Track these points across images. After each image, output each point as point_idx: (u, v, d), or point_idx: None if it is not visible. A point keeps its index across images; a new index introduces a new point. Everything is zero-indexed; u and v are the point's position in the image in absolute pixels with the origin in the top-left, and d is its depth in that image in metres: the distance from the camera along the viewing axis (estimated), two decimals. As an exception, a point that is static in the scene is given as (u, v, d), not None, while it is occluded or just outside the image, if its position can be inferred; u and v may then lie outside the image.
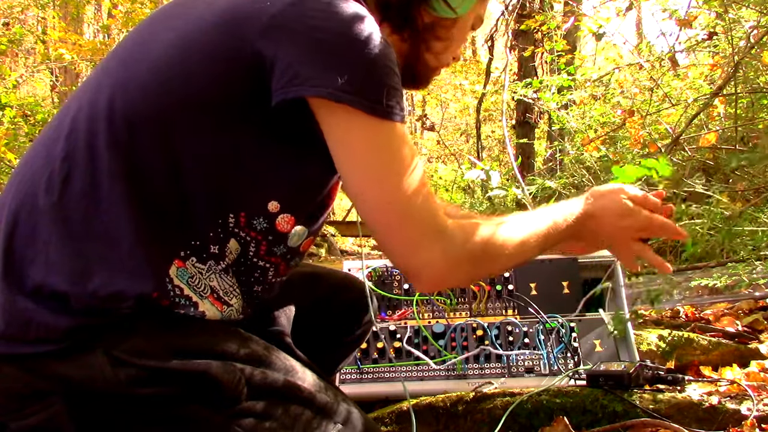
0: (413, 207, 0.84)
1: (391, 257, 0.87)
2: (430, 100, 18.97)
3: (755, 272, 2.16)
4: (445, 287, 0.91)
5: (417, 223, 0.85)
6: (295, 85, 0.78)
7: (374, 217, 0.85)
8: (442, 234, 0.86)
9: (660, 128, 3.74)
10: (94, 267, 0.78)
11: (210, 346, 0.83)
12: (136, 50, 0.88)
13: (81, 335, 0.78)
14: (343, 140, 0.83)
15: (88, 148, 0.81)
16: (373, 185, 0.84)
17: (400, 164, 0.84)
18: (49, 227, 0.79)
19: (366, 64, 0.79)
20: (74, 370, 0.77)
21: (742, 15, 3.00)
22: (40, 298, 0.78)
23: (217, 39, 0.81)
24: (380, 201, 0.84)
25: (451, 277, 0.90)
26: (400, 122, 0.83)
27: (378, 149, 0.83)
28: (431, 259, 0.84)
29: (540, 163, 7.25)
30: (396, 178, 0.83)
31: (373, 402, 1.49)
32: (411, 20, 0.96)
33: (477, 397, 1.37)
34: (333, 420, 0.89)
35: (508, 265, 1.06)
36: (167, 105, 0.81)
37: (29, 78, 8.82)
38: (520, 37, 6.53)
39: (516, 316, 1.61)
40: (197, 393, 0.81)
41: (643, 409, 1.25)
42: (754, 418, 1.18)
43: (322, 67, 0.78)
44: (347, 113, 0.79)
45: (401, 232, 0.85)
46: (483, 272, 1.02)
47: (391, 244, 0.86)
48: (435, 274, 0.86)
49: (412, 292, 1.64)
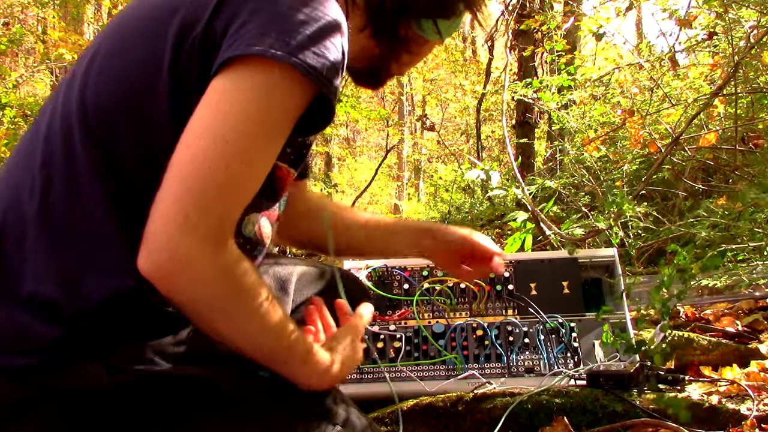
0: (214, 185, 0.72)
1: (148, 227, 0.73)
2: (430, 100, 18.97)
3: (755, 272, 2.16)
4: (163, 288, 0.74)
5: (198, 210, 0.72)
6: (231, 48, 0.76)
7: (169, 172, 0.73)
8: (216, 239, 0.73)
9: (660, 128, 3.74)
10: (85, 270, 0.78)
11: (204, 349, 0.83)
12: (103, 45, 0.88)
13: (75, 344, 0.77)
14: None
15: (65, 150, 0.80)
16: (196, 138, 0.74)
17: (246, 138, 0.74)
18: (35, 235, 0.78)
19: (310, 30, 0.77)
20: (70, 381, 0.77)
21: (742, 15, 3.00)
22: (32, 308, 0.77)
23: (174, 21, 0.80)
24: (188, 156, 0.73)
25: (178, 284, 0.73)
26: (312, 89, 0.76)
27: (244, 102, 0.74)
28: (179, 252, 0.71)
29: (540, 163, 7.25)
30: (225, 146, 0.73)
31: (373, 402, 1.49)
32: (394, 30, 0.98)
33: (477, 397, 1.37)
34: (332, 422, 0.89)
35: (234, 332, 0.80)
36: (132, 94, 0.80)
37: (29, 78, 8.81)
38: (520, 37, 6.52)
39: (516, 316, 1.61)
40: (194, 397, 0.81)
41: (643, 409, 1.25)
42: (754, 418, 1.18)
43: (259, 32, 0.75)
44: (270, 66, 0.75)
45: (179, 202, 0.72)
46: (212, 310, 0.78)
47: (159, 212, 0.72)
48: (170, 268, 0.72)
49: (412, 293, 1.64)
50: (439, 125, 17.35)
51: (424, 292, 1.65)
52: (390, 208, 20.92)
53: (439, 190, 14.39)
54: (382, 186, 20.67)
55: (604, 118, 4.51)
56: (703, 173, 3.80)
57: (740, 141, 3.11)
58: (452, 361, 1.53)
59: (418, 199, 18.15)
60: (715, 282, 2.26)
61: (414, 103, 19.60)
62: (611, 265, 1.69)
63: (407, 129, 19.21)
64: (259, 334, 0.80)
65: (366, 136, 23.38)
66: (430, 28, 0.99)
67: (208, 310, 0.77)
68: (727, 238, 2.28)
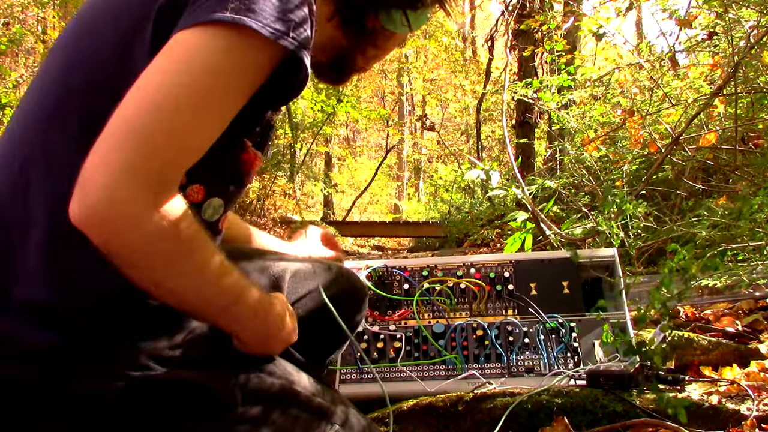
0: (160, 128, 0.69)
1: (85, 169, 0.69)
2: (430, 100, 18.97)
3: (755, 272, 2.16)
4: (98, 236, 0.69)
5: (143, 151, 0.68)
6: (193, 14, 0.75)
7: (115, 114, 0.71)
8: (157, 184, 0.69)
9: (660, 128, 3.74)
10: (76, 269, 0.77)
11: (199, 353, 0.83)
12: (73, 34, 0.88)
13: (69, 352, 0.76)
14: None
15: (43, 147, 0.79)
16: (147, 81, 0.72)
17: (200, 87, 0.72)
18: (23, 239, 0.77)
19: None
20: (65, 389, 0.76)
21: (742, 15, 3.00)
22: (26, 313, 0.76)
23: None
24: (136, 98, 0.71)
25: (114, 231, 0.69)
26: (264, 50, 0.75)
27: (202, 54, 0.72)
28: (117, 194, 0.67)
29: (540, 163, 7.26)
30: (175, 92, 0.70)
31: (372, 402, 1.49)
32: (361, 21, 0.99)
33: (477, 397, 1.37)
34: (330, 422, 0.89)
35: (174, 283, 0.76)
36: (103, 79, 0.79)
37: (29, 78, 8.81)
38: (520, 37, 6.53)
39: (516, 316, 1.61)
40: (190, 401, 0.81)
41: (643, 409, 1.24)
42: (754, 418, 1.18)
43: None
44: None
45: (121, 143, 0.68)
46: (150, 259, 0.73)
47: (98, 153, 0.69)
48: (106, 212, 0.67)
49: (412, 293, 1.64)
50: (439, 125, 17.35)
51: (424, 292, 1.65)
52: (390, 208, 20.92)
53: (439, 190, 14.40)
54: (382, 186, 20.68)
55: (604, 118, 4.51)
56: (703, 173, 3.79)
57: (740, 141, 3.11)
58: (452, 361, 1.53)
59: (418, 199, 18.16)
60: (715, 282, 2.25)
61: (414, 103, 19.61)
62: (611, 265, 1.69)
63: (407, 129, 19.22)
64: (200, 284, 0.77)
65: (366, 136, 23.39)
66: (398, 20, 0.99)
67: (145, 258, 0.71)
68: (727, 238, 2.28)
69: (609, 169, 4.17)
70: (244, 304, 0.82)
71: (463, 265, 1.68)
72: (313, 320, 1.14)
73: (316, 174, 16.55)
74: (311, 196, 17.43)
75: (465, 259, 1.72)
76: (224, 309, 0.80)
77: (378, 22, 1.00)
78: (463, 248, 7.90)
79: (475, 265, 1.68)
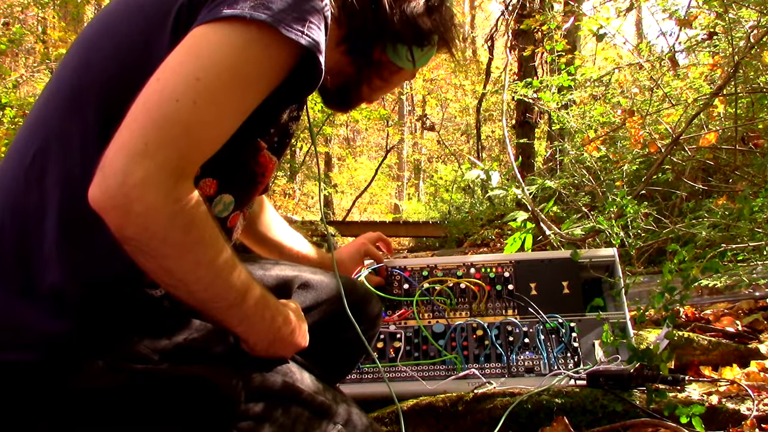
0: (178, 120, 0.71)
1: (106, 155, 0.71)
2: (430, 100, 18.96)
3: (755, 272, 2.16)
4: (114, 219, 0.70)
5: (162, 140, 0.70)
6: (212, 12, 0.77)
7: (136, 103, 0.73)
8: (173, 172, 0.71)
9: (660, 128, 3.74)
10: (86, 257, 0.78)
11: (204, 348, 0.83)
12: (94, 31, 0.89)
13: (76, 341, 0.76)
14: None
15: (60, 136, 0.80)
16: (168, 72, 0.73)
17: (218, 81, 0.74)
18: (37, 227, 0.79)
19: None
20: (70, 379, 0.76)
21: (742, 15, 3.00)
22: (40, 300, 0.77)
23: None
24: (157, 88, 0.73)
25: (130, 214, 0.70)
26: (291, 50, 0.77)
27: (219, 50, 0.74)
28: (134, 177, 0.68)
29: (540, 163, 7.26)
30: (195, 84, 0.72)
31: (373, 402, 1.49)
32: (368, 51, 1.01)
33: (477, 397, 1.37)
34: (333, 421, 0.89)
35: (184, 272, 0.76)
36: (123, 73, 0.81)
37: (29, 78, 8.82)
38: (520, 37, 6.53)
39: (516, 316, 1.61)
40: (194, 396, 0.81)
41: (643, 409, 1.25)
42: (754, 418, 1.18)
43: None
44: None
45: (141, 129, 0.71)
46: (164, 244, 0.73)
47: (120, 140, 0.71)
48: (122, 195, 0.69)
49: (412, 293, 1.64)
50: (439, 125, 17.35)
51: (424, 292, 1.65)
52: (390, 208, 20.91)
53: (439, 190, 14.40)
54: (382, 186, 20.66)
55: (604, 118, 4.51)
56: (703, 173, 3.80)
57: (740, 141, 3.11)
58: (452, 361, 1.53)
59: (418, 199, 18.15)
60: (715, 282, 2.26)
61: (414, 103, 19.60)
62: (611, 265, 1.69)
63: (407, 129, 19.21)
64: (211, 276, 0.77)
65: (366, 136, 23.37)
66: (404, 55, 1.01)
67: (159, 244, 0.72)
68: (727, 238, 2.28)
69: (609, 169, 4.17)
70: (253, 302, 0.83)
71: (463, 265, 1.68)
72: (324, 333, 1.16)
73: (316, 174, 16.53)
74: (311, 196, 17.43)
75: (465, 259, 1.72)
76: (233, 305, 0.81)
77: (385, 54, 1.02)
78: (463, 248, 7.90)
79: (475, 265, 1.68)
